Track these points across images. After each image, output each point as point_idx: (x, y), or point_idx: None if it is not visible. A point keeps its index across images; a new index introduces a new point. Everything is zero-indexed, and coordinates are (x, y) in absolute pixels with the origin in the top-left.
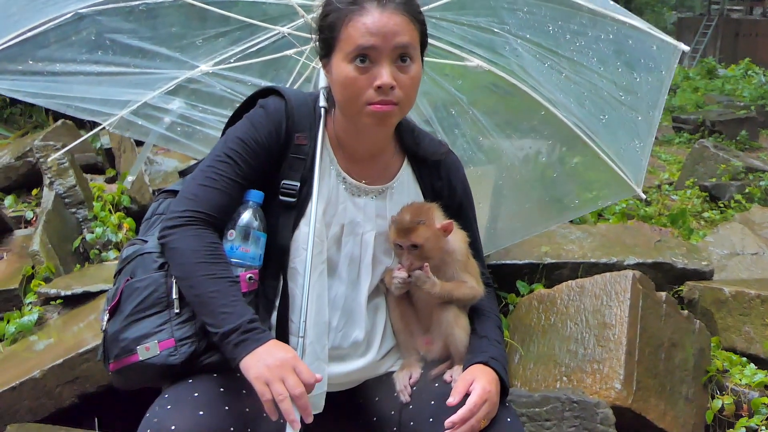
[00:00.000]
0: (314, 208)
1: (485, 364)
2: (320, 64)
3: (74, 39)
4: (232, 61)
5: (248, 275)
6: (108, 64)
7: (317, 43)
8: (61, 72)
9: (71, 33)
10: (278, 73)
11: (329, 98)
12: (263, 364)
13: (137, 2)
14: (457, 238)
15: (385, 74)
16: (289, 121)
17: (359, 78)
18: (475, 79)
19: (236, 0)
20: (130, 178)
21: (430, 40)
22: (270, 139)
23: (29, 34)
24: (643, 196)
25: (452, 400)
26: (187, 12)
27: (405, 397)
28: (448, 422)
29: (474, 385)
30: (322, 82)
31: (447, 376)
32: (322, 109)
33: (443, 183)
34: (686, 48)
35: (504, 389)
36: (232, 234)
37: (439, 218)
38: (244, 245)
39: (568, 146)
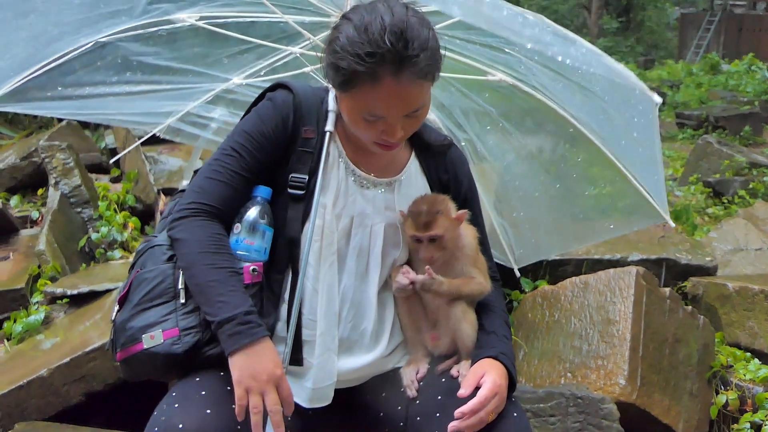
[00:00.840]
0: (317, 199)
1: (495, 358)
2: None
3: (100, 64)
4: (262, 74)
5: (252, 267)
6: (139, 83)
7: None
8: (91, 95)
9: (96, 59)
10: (309, 83)
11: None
12: (250, 371)
13: (155, 29)
14: (468, 233)
15: (395, 133)
16: (296, 114)
17: (367, 126)
18: (500, 93)
19: (253, 20)
20: (184, 182)
21: (450, 54)
22: (277, 131)
23: (53, 65)
24: (673, 225)
25: (463, 392)
26: (206, 33)
27: (412, 392)
28: (457, 412)
29: (485, 378)
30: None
31: (454, 372)
32: (331, 112)
33: (449, 176)
34: (659, 100)
35: (511, 384)
36: (237, 227)
37: (453, 209)
38: (249, 238)
39: (599, 166)
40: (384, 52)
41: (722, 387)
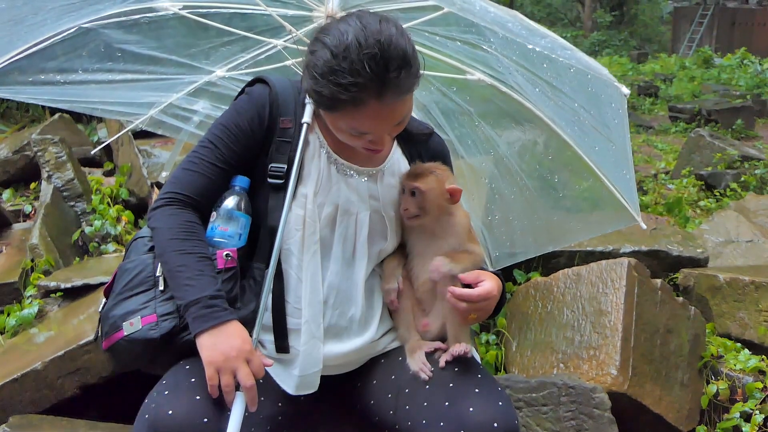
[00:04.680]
0: (291, 190)
1: (493, 272)
2: None
3: (82, 51)
4: (243, 68)
5: (225, 252)
6: (121, 72)
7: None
8: (73, 81)
9: (79, 45)
10: (294, 74)
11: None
12: (219, 350)
13: (138, 16)
14: (461, 214)
15: (382, 143)
16: (273, 106)
17: (353, 138)
18: (479, 93)
19: (237, 12)
20: (164, 174)
21: (429, 52)
22: (253, 123)
23: (33, 49)
24: (644, 226)
25: (464, 276)
26: (190, 23)
27: (427, 374)
28: (450, 289)
29: (484, 281)
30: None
31: (441, 362)
32: (308, 104)
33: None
34: (627, 91)
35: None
36: (214, 216)
37: (451, 181)
38: (223, 225)
39: (573, 168)
40: (366, 81)
41: (713, 377)
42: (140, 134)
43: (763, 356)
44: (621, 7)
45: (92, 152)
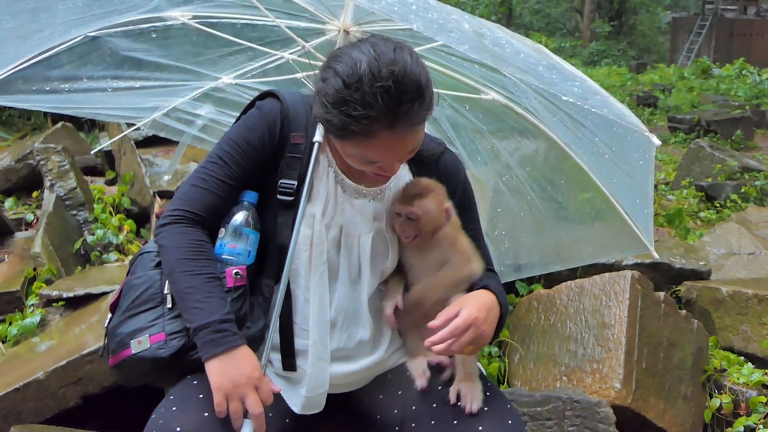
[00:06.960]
0: (302, 209)
1: (484, 288)
2: None
3: (88, 59)
4: (250, 76)
5: (234, 271)
6: (127, 79)
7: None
8: (78, 89)
9: (84, 54)
10: (304, 86)
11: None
12: (228, 377)
13: (146, 25)
14: (449, 225)
15: (392, 170)
16: (284, 122)
17: (363, 165)
18: (492, 112)
19: (247, 23)
20: (166, 178)
21: (445, 71)
22: (263, 140)
23: (38, 58)
24: (657, 256)
25: (434, 323)
26: (198, 32)
27: (423, 383)
28: (427, 342)
29: (462, 310)
30: None
31: (452, 396)
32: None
33: (442, 183)
34: (658, 143)
35: (501, 318)
36: (222, 232)
37: (446, 200)
38: (232, 242)
39: (586, 192)
40: (377, 114)
41: (716, 391)
42: (143, 143)
43: (767, 370)
44: (620, 17)
45: (92, 152)
